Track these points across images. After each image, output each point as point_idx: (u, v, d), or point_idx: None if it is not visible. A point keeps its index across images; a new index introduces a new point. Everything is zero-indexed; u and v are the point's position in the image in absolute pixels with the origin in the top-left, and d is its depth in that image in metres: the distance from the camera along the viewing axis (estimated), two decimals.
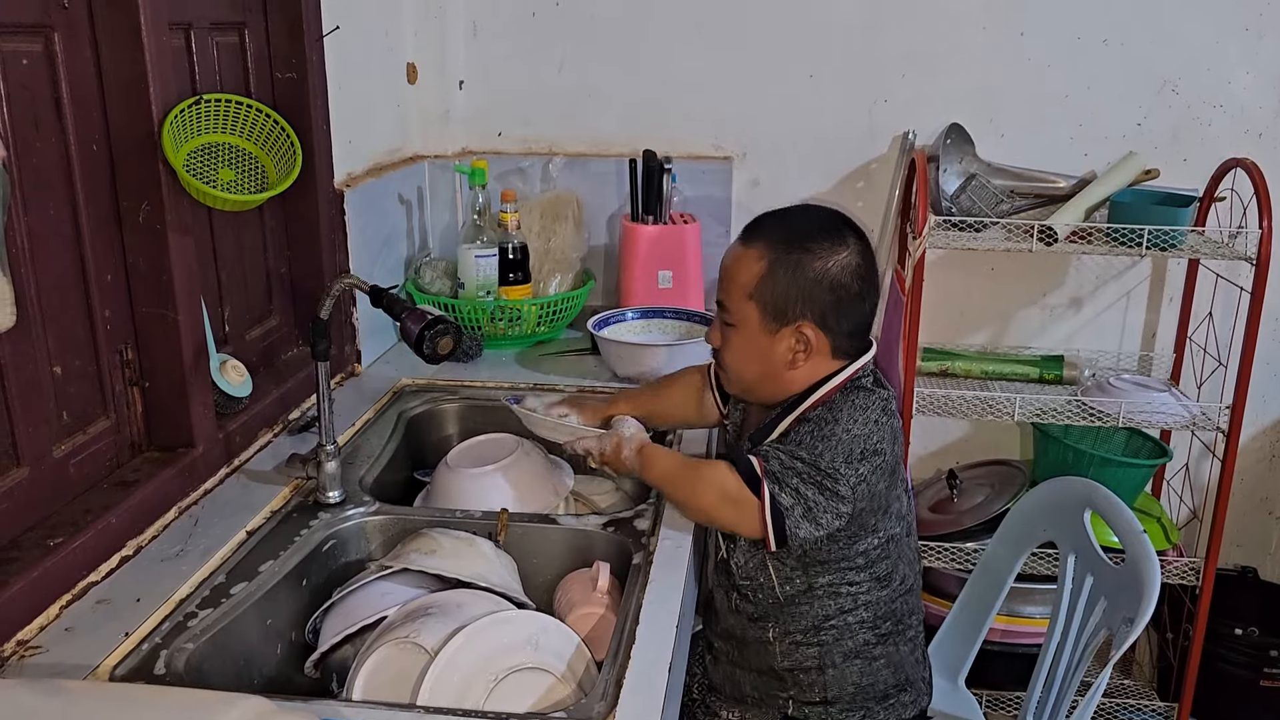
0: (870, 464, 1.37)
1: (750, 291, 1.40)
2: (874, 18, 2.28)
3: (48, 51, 1.24)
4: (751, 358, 1.44)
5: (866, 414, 1.39)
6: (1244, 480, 2.47)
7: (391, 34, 2.22)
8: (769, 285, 1.39)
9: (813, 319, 1.39)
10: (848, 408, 1.39)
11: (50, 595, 1.19)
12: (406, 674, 1.18)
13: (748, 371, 1.46)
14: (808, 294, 1.38)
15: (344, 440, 1.69)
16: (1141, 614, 1.40)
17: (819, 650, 1.47)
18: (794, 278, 1.38)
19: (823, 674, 1.47)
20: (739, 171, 2.40)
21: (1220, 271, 2.28)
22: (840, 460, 1.35)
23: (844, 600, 1.45)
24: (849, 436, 1.36)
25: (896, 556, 1.47)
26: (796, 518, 1.34)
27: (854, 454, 1.36)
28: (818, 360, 1.42)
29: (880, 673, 1.49)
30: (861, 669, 1.48)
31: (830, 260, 1.38)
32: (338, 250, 1.91)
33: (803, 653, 1.47)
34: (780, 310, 1.39)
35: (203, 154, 1.48)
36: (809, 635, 1.46)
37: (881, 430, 1.39)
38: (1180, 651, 2.29)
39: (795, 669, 1.48)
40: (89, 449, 1.35)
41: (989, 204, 2.15)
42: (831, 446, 1.35)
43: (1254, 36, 2.20)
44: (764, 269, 1.39)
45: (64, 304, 1.30)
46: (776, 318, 1.40)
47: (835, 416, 1.38)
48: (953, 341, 2.45)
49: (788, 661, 1.48)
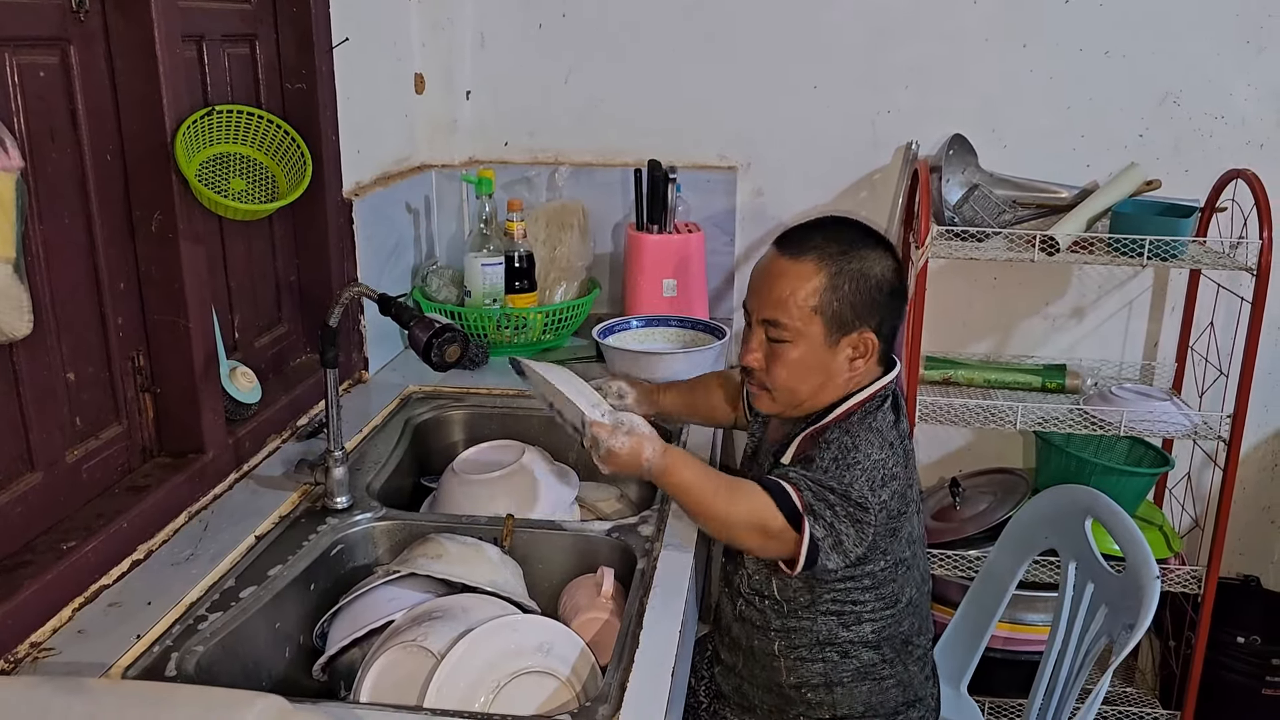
0: (890, 490, 1.37)
1: (815, 305, 1.38)
2: (877, 30, 2.30)
3: (64, 64, 1.27)
4: (811, 371, 1.42)
5: (883, 437, 1.39)
6: (1246, 489, 2.48)
7: (400, 45, 2.24)
8: (832, 296, 1.38)
9: (873, 325, 1.41)
10: (864, 431, 1.39)
11: (63, 598, 1.21)
12: (413, 677, 1.20)
13: (804, 386, 1.43)
14: (870, 300, 1.39)
15: (352, 446, 1.71)
16: (1141, 621, 1.42)
17: (825, 667, 1.47)
18: (858, 286, 1.38)
19: (831, 692, 1.47)
20: (743, 181, 2.42)
21: (1221, 281, 2.29)
22: (868, 490, 1.34)
23: (848, 617, 1.45)
24: (870, 463, 1.36)
25: (904, 579, 1.46)
26: (827, 549, 1.34)
27: (877, 481, 1.36)
28: (869, 368, 1.43)
29: (890, 692, 1.49)
30: (871, 689, 1.48)
31: (879, 265, 1.40)
32: (346, 259, 1.93)
33: (809, 669, 1.47)
34: (844, 320, 1.39)
35: (214, 164, 1.50)
36: (814, 651, 1.46)
37: (897, 454, 1.40)
38: (1183, 660, 2.29)
39: (802, 685, 1.48)
40: (101, 454, 1.37)
41: (991, 214, 2.16)
42: (858, 476, 1.35)
43: (1254, 49, 2.21)
44: (825, 281, 1.38)
45: (78, 311, 1.32)
46: (840, 328, 1.39)
47: (855, 443, 1.37)
48: (956, 351, 2.47)
49: (794, 678, 1.48)
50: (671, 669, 1.16)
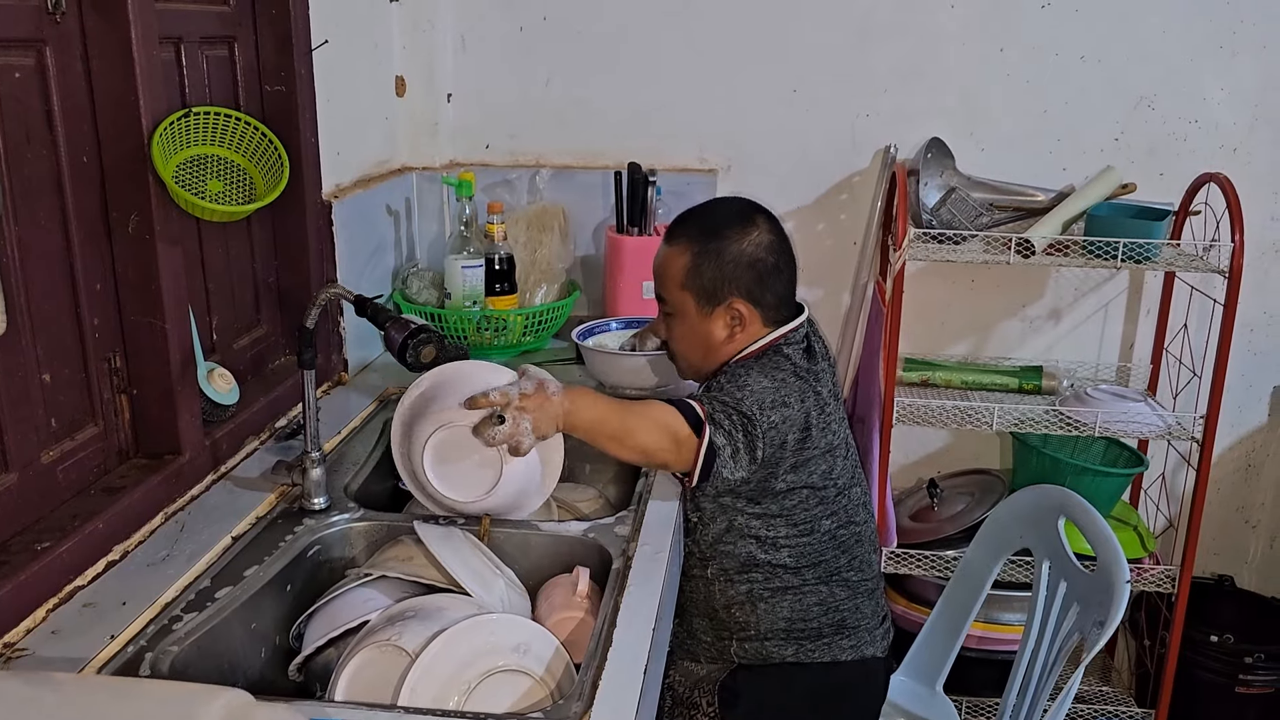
0: (779, 414, 1.52)
1: (682, 282, 1.60)
2: (856, 34, 2.32)
3: (39, 65, 1.27)
4: (695, 340, 1.64)
5: (776, 373, 1.55)
6: (1220, 490, 2.51)
7: (380, 47, 2.25)
8: (697, 273, 1.59)
9: (741, 295, 1.59)
10: (758, 367, 1.57)
11: (37, 599, 1.20)
12: (388, 676, 1.20)
13: (694, 353, 1.65)
14: (731, 275, 1.58)
15: (330, 447, 1.71)
16: (1111, 618, 1.44)
17: (749, 588, 1.62)
18: (718, 263, 1.58)
19: (754, 609, 1.62)
20: (723, 184, 2.43)
21: (1195, 284, 2.31)
22: (755, 408, 1.50)
23: (765, 543, 1.60)
24: (760, 388, 1.52)
25: (819, 510, 1.61)
26: (725, 458, 1.50)
27: (765, 403, 1.51)
28: (752, 330, 1.61)
29: (811, 610, 1.63)
30: (792, 604, 1.62)
31: (745, 242, 1.58)
32: (325, 260, 1.93)
33: (736, 589, 1.63)
34: (711, 293, 1.59)
35: (192, 166, 1.50)
36: (740, 574, 1.62)
37: (789, 388, 1.54)
38: (1158, 659, 2.32)
39: (730, 605, 1.63)
40: (77, 455, 1.37)
41: (969, 217, 2.18)
42: (747, 395, 1.51)
43: (1227, 54, 2.24)
44: (689, 260, 1.59)
45: (54, 312, 1.32)
46: (709, 300, 1.60)
47: (747, 371, 1.56)
48: (934, 352, 2.49)
49: (723, 599, 1.64)
50: (644, 666, 1.17)
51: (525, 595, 1.42)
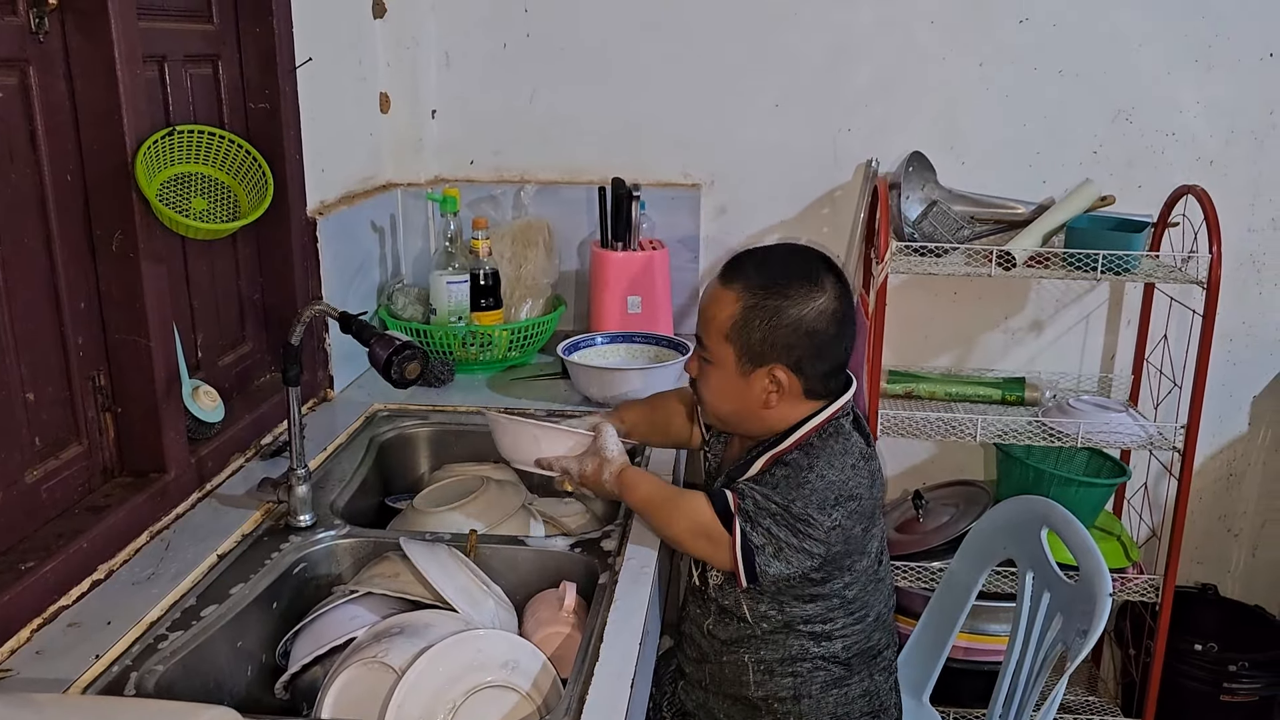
0: (845, 509, 1.39)
1: (727, 333, 1.42)
2: (838, 49, 2.34)
3: (23, 84, 1.27)
4: (727, 395, 1.46)
5: (844, 459, 1.41)
6: (1203, 499, 2.53)
7: (365, 65, 2.26)
8: (744, 329, 1.40)
9: (786, 364, 1.41)
10: (825, 453, 1.41)
11: (21, 619, 1.20)
12: (374, 693, 1.20)
13: (723, 407, 1.48)
14: (783, 340, 1.39)
15: (316, 465, 1.71)
16: (1094, 628, 1.44)
17: (794, 681, 1.49)
18: (770, 325, 1.39)
19: (798, 704, 1.49)
20: (707, 199, 2.44)
21: (1174, 295, 2.34)
22: (814, 508, 1.37)
23: (819, 635, 1.47)
24: (823, 484, 1.38)
25: (873, 594, 1.50)
26: (767, 556, 1.37)
27: (828, 501, 1.37)
28: (791, 401, 1.43)
29: (856, 702, 1.52)
30: (838, 699, 1.50)
31: (806, 307, 1.39)
32: (310, 277, 1.93)
33: (778, 683, 1.49)
34: (756, 354, 1.41)
35: (176, 183, 1.51)
36: (785, 666, 1.48)
37: (859, 475, 1.41)
38: (1142, 668, 2.33)
39: (770, 698, 1.50)
40: (61, 474, 1.36)
41: (950, 230, 2.20)
42: (804, 495, 1.37)
43: (1203, 68, 2.27)
44: (739, 313, 1.40)
45: (37, 331, 1.32)
46: (752, 360, 1.41)
47: (811, 463, 1.39)
48: (917, 364, 2.50)
49: (762, 691, 1.50)
50: (631, 681, 1.17)
51: (512, 610, 1.43)
